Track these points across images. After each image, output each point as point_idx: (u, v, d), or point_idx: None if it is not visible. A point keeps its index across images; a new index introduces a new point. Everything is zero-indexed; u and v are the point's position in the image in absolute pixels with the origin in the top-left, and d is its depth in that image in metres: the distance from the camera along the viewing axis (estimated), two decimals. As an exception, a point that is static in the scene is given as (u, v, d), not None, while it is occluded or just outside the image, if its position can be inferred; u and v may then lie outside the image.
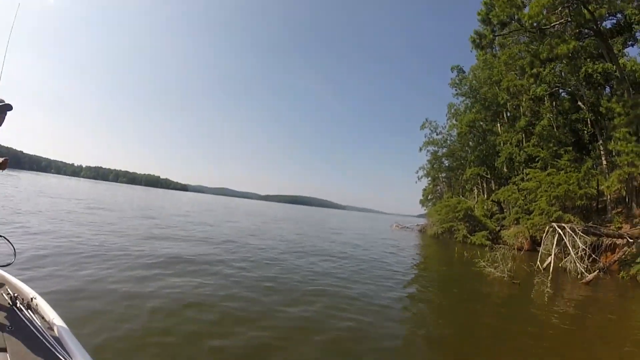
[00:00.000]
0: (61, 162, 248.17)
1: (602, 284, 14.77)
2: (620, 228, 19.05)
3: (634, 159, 17.70)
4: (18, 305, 3.54)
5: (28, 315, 3.40)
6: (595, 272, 15.03)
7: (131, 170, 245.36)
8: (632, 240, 15.87)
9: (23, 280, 4.50)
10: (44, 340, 3.01)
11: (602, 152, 23.70)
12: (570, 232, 17.36)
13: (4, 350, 2.79)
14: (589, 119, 25.20)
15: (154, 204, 47.60)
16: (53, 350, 2.91)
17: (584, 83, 24.46)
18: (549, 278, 16.28)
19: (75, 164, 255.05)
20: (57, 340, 3.18)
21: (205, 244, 17.55)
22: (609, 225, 19.98)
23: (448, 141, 47.71)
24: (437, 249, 32.36)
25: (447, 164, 49.63)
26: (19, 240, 10.87)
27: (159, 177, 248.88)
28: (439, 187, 54.38)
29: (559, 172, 23.28)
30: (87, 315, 6.64)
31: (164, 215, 32.21)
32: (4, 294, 3.72)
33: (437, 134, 48.81)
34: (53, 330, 3.43)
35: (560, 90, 28.00)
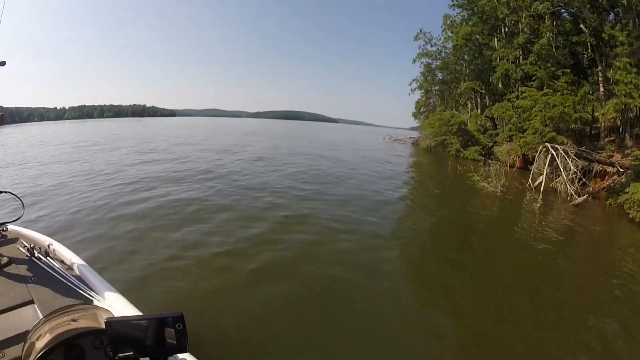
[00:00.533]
0: (43, 108, 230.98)
1: (590, 208, 15.81)
2: (611, 156, 20.00)
3: (632, 90, 18.25)
4: (36, 255, 3.65)
5: (48, 262, 3.55)
6: (585, 196, 16.21)
7: (116, 104, 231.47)
8: (622, 170, 16.79)
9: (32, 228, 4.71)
10: (67, 282, 3.19)
11: (600, 79, 23.79)
12: (563, 153, 18.21)
13: (31, 302, 2.91)
14: (589, 43, 24.80)
15: (143, 134, 47.40)
16: (77, 289, 3.11)
17: (588, 6, 23.67)
18: (540, 197, 17.41)
19: (58, 107, 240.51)
20: (79, 279, 3.41)
21: (195, 163, 18.98)
22: (600, 152, 20.88)
23: (443, 54, 47.12)
24: (430, 162, 33.57)
25: (440, 77, 49.56)
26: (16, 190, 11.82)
27: (145, 106, 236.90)
28: (431, 100, 54.59)
29: (555, 93, 23.46)
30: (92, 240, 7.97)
31: (148, 142, 33.01)
32: (20, 248, 3.81)
33: (431, 46, 47.93)
34: (74, 270, 3.68)
35: (563, 10, 27.05)
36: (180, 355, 2.37)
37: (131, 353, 2.07)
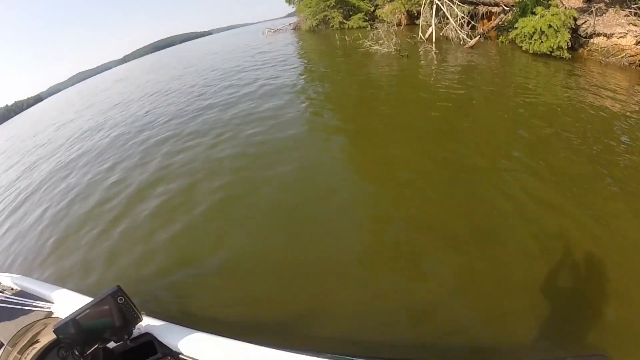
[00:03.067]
0: None
1: (484, 48, 16.76)
2: (494, -3, 20.79)
3: None
4: None
5: None
6: (477, 38, 17.13)
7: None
8: (507, 8, 17.64)
9: None
10: (10, 305, 3.08)
11: None
12: (448, 1, 18.58)
13: None
14: None
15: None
16: (22, 307, 3.01)
17: None
18: (434, 47, 17.83)
19: None
20: (21, 293, 3.31)
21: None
22: (484, -6, 21.61)
23: None
24: (317, 42, 32.29)
25: (305, -50, 46.18)
26: None
27: (7, 105, 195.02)
28: (302, -20, 51.77)
29: (429, -58, 22.99)
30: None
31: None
32: None
33: None
34: (13, 288, 3.50)
35: None
36: (143, 324, 2.41)
37: (96, 346, 2.09)
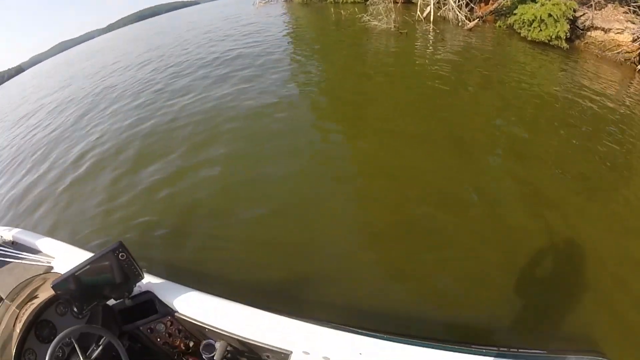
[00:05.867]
0: None
1: (482, 31, 16.60)
2: (492, -17, 20.50)
3: None
4: None
5: None
6: (476, 20, 16.92)
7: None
8: None
9: None
10: (8, 258, 2.99)
11: None
12: (449, -20, 18.26)
13: None
14: None
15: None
16: (21, 260, 2.93)
17: None
18: (431, 27, 17.77)
19: None
20: (19, 247, 3.24)
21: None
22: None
23: None
24: (312, 15, 31.45)
25: None
26: None
27: None
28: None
29: None
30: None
31: None
32: None
33: None
34: (11, 241, 3.43)
35: None
36: (144, 282, 2.35)
37: (95, 302, 2.07)
